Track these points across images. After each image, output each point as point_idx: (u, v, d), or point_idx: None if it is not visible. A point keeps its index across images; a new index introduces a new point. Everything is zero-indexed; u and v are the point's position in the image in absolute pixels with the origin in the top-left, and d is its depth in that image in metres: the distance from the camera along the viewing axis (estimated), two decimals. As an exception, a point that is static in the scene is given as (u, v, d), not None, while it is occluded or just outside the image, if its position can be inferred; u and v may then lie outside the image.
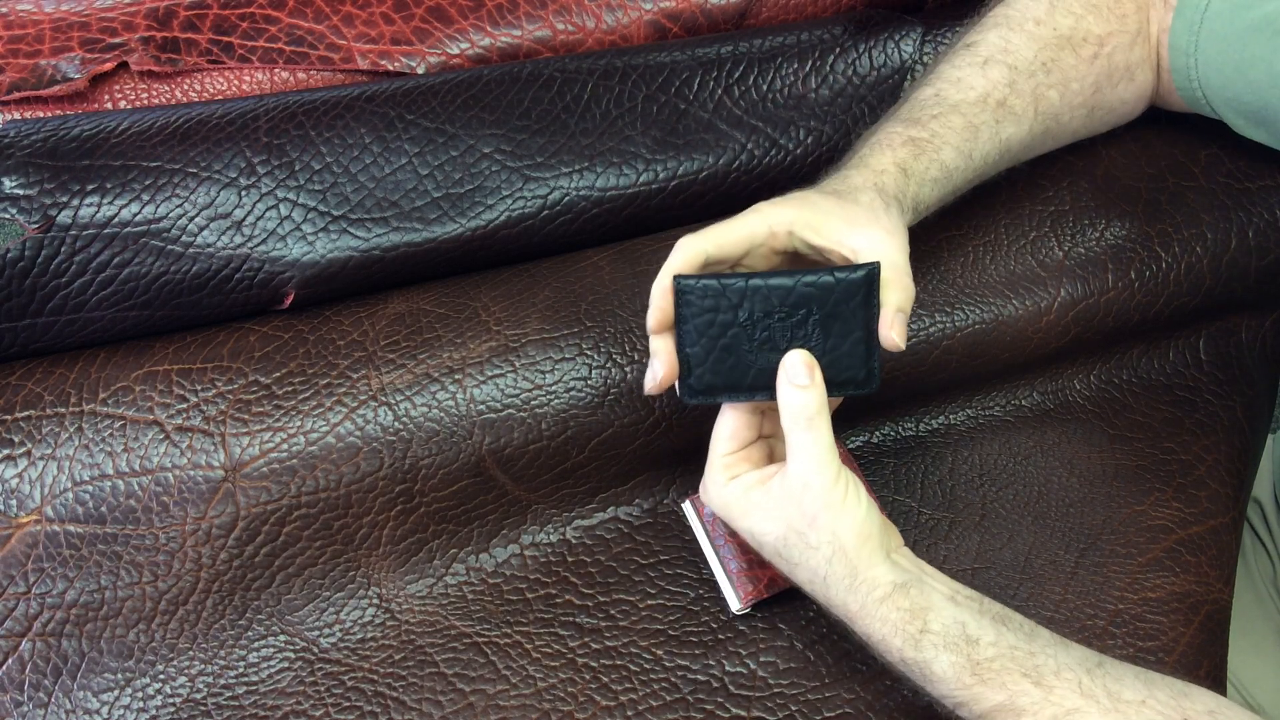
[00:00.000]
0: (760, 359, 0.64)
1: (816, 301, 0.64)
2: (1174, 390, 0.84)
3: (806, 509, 0.63)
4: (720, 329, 0.64)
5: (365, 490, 0.71)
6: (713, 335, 0.64)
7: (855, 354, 0.65)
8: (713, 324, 0.64)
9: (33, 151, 0.71)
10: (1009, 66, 0.75)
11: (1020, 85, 0.75)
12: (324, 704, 0.69)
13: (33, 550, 0.68)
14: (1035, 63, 0.76)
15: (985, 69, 0.75)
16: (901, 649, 0.62)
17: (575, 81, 0.80)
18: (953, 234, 0.79)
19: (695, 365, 0.65)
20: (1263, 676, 0.88)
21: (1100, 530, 0.78)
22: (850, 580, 0.63)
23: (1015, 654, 0.61)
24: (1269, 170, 0.84)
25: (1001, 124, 0.74)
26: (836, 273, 0.63)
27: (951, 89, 0.74)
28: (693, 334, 0.64)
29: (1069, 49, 0.76)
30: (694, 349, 0.64)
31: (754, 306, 0.63)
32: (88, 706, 0.68)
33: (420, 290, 0.76)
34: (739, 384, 0.65)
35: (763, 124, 0.82)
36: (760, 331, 0.64)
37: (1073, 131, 0.80)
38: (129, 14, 0.80)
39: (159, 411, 0.70)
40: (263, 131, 0.74)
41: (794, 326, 0.64)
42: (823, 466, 0.63)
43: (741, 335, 0.64)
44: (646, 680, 0.70)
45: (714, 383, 0.65)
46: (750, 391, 0.65)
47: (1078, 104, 0.77)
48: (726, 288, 0.63)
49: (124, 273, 0.72)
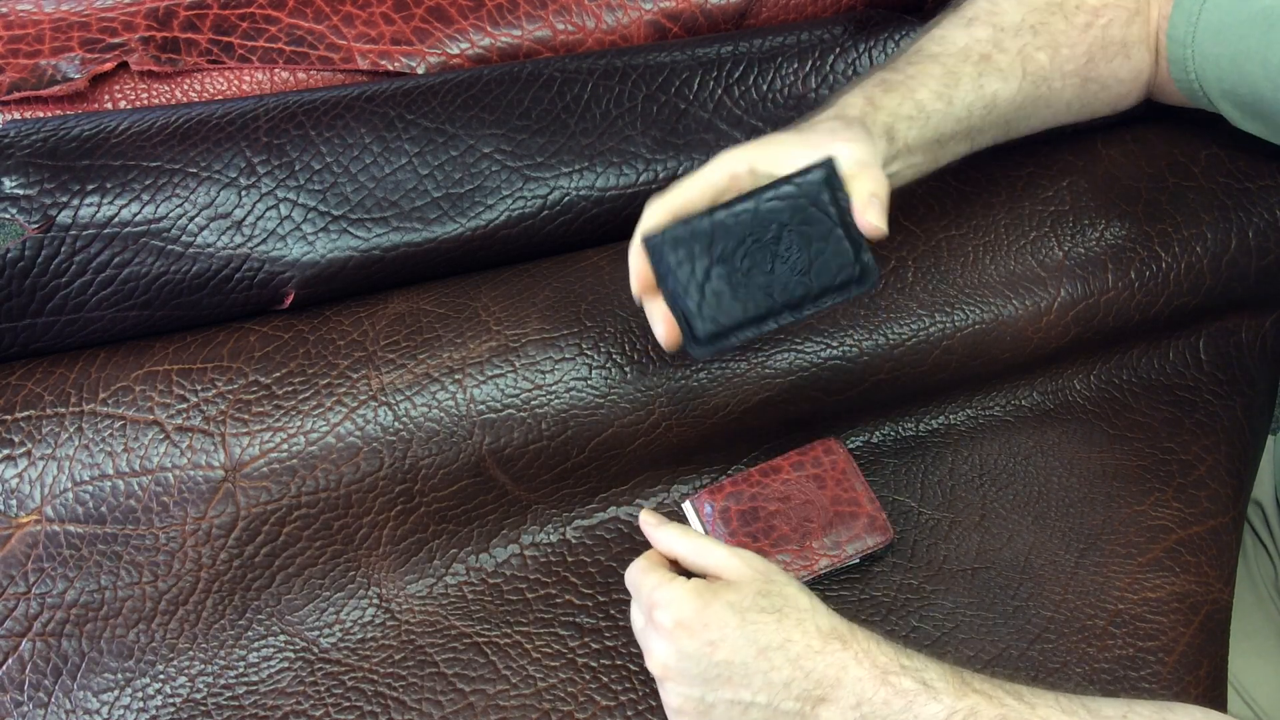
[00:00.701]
0: (754, 287, 0.63)
1: (786, 213, 0.62)
2: (1174, 390, 0.84)
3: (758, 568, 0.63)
4: (703, 272, 0.62)
5: (365, 490, 0.71)
6: (698, 280, 0.62)
7: (841, 252, 0.63)
8: (694, 270, 0.62)
9: (33, 151, 0.71)
10: (994, 26, 0.75)
11: (1006, 43, 0.74)
12: (324, 704, 0.69)
13: (33, 550, 0.68)
14: (1023, 24, 0.75)
15: (969, 27, 0.74)
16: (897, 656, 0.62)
17: (575, 81, 0.80)
18: (952, 234, 0.79)
19: (693, 316, 0.63)
20: (1264, 679, 0.88)
21: (1100, 530, 0.78)
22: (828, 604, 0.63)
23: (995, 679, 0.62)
24: (1269, 170, 0.84)
25: (985, 76, 0.73)
26: (794, 179, 0.62)
27: (932, 44, 0.74)
28: (679, 286, 0.63)
29: (1060, 14, 0.76)
30: (686, 300, 0.63)
31: (726, 239, 0.62)
32: (88, 706, 0.68)
33: (420, 290, 0.76)
34: (743, 318, 0.63)
35: (763, 124, 0.82)
36: (742, 260, 0.62)
37: (1066, 102, 0.78)
38: (129, 14, 0.80)
39: (159, 411, 0.70)
40: (263, 131, 0.74)
41: (770, 244, 0.62)
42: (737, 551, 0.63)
43: (725, 271, 0.62)
44: (646, 680, 0.70)
45: (718, 327, 0.63)
46: (757, 323, 0.64)
47: (1070, 70, 0.76)
48: (694, 229, 0.62)
49: (124, 273, 0.72)
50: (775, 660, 0.60)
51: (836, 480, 0.75)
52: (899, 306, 0.77)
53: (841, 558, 0.73)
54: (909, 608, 0.74)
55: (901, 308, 0.77)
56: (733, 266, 0.62)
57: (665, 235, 0.63)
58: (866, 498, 0.74)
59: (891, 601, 0.74)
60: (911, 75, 0.71)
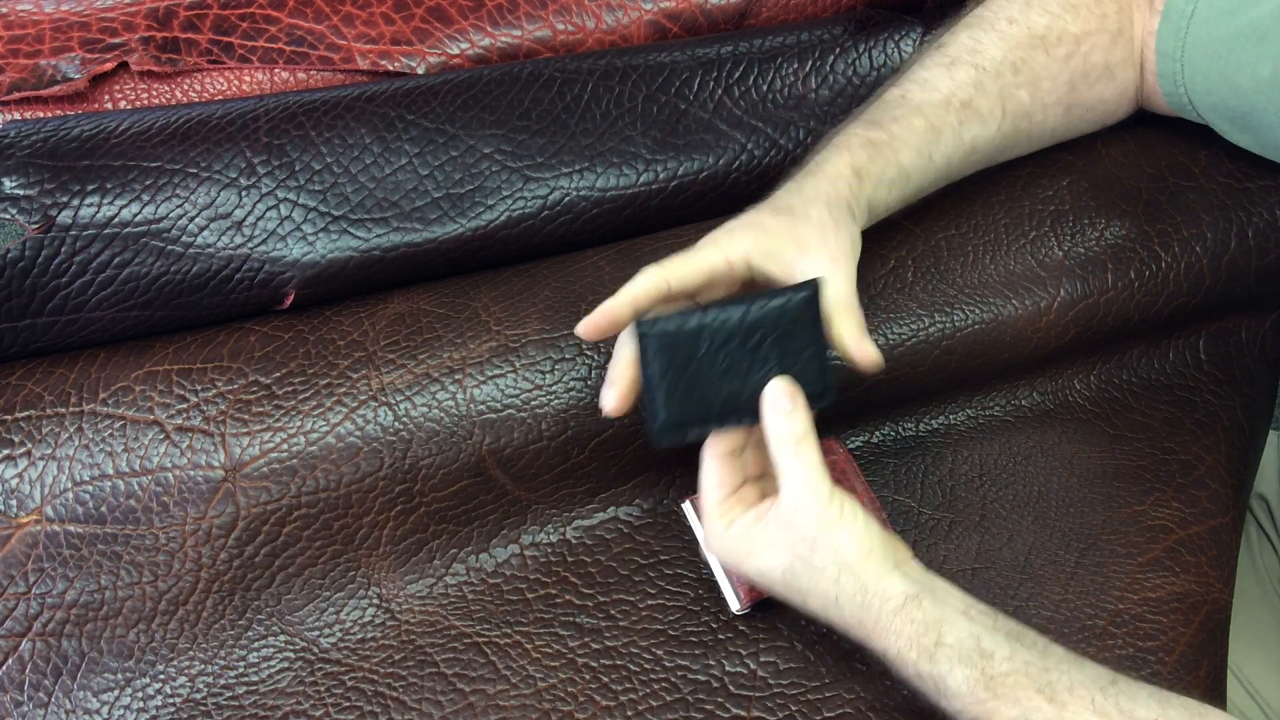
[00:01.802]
0: (725, 387, 0.65)
1: (769, 324, 0.65)
2: (1174, 390, 0.84)
3: (805, 532, 0.63)
4: (683, 365, 0.64)
5: (365, 490, 0.71)
6: (675, 373, 0.64)
7: (810, 369, 0.66)
8: (673, 363, 0.64)
9: (33, 151, 0.71)
10: (975, 67, 0.75)
11: (987, 85, 0.75)
12: (324, 704, 0.69)
13: (33, 550, 0.68)
14: (1004, 63, 0.75)
15: (952, 70, 0.75)
16: (917, 662, 0.62)
17: (575, 81, 0.80)
18: (952, 234, 0.79)
19: (662, 406, 0.65)
20: (1268, 671, 0.88)
21: (1100, 530, 0.78)
22: (861, 596, 0.63)
23: (1029, 669, 0.61)
24: (1269, 170, 0.84)
25: (965, 125, 0.74)
26: (784, 294, 0.65)
27: (916, 90, 0.74)
28: (656, 375, 0.64)
29: (1041, 48, 0.76)
30: (659, 390, 0.64)
31: (713, 339, 0.64)
32: (88, 706, 0.68)
33: (420, 290, 0.76)
34: (707, 415, 0.65)
35: (763, 124, 0.82)
36: (721, 361, 0.65)
37: (1050, 130, 0.79)
38: (129, 14, 0.80)
39: (159, 411, 0.70)
40: (263, 131, 0.74)
41: (752, 350, 0.65)
42: (815, 488, 0.63)
43: (703, 368, 0.64)
44: (646, 680, 0.70)
45: (683, 418, 0.65)
46: (720, 420, 0.66)
47: (1051, 102, 0.77)
48: (684, 326, 0.64)
49: (124, 273, 0.72)
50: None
51: (836, 480, 0.75)
52: (898, 307, 0.77)
53: (841, 558, 0.73)
54: (909, 608, 0.74)
55: (901, 308, 0.77)
56: (712, 365, 0.64)
57: (654, 327, 0.64)
58: (866, 498, 0.74)
59: (891, 601, 0.74)
60: (895, 135, 0.72)
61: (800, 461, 0.64)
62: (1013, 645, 0.62)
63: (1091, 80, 0.78)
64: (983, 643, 0.62)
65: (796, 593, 0.65)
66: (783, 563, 0.64)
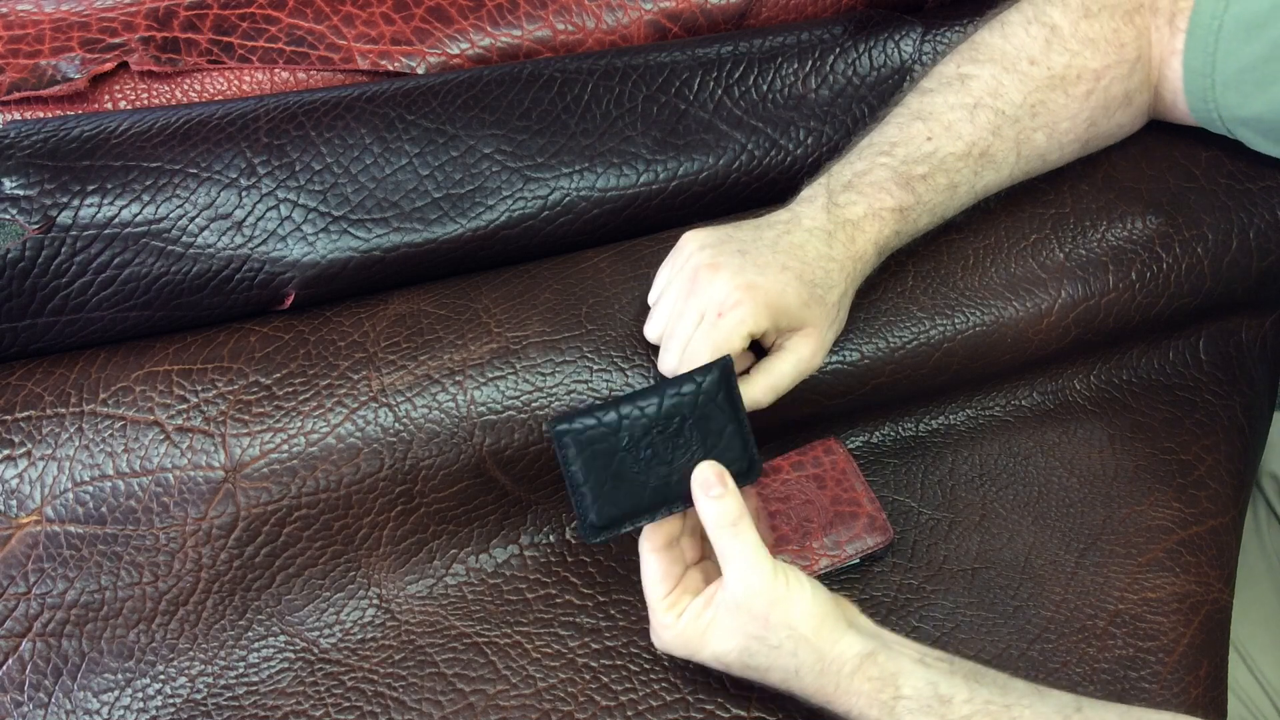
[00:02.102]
0: (652, 477, 0.65)
1: (685, 409, 0.65)
2: (1174, 390, 0.84)
3: (756, 611, 0.63)
4: (606, 460, 0.64)
5: (365, 491, 0.71)
6: (600, 468, 0.64)
7: (733, 446, 0.66)
8: (597, 458, 0.64)
9: (33, 152, 0.71)
10: (996, 111, 0.75)
11: (1005, 131, 0.75)
12: (324, 704, 0.69)
13: (33, 550, 0.68)
14: (1023, 107, 0.75)
15: (975, 114, 0.75)
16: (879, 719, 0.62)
17: (575, 82, 0.80)
18: (953, 237, 0.79)
19: (592, 503, 0.64)
20: (1270, 651, 0.88)
21: (1100, 530, 0.78)
22: (820, 665, 0.63)
23: (990, 708, 0.61)
24: (1270, 171, 0.84)
25: (980, 174, 0.75)
26: (695, 377, 0.65)
27: (943, 135, 0.74)
28: (579, 474, 0.64)
29: (1060, 89, 0.76)
30: (586, 486, 0.64)
31: (633, 430, 0.64)
32: (88, 707, 0.68)
33: (421, 291, 0.76)
34: (638, 508, 0.65)
35: (763, 124, 0.82)
36: (644, 451, 0.64)
37: (1064, 162, 0.80)
38: (129, 14, 0.80)
39: (159, 412, 0.70)
40: (263, 132, 0.74)
41: (673, 436, 0.65)
42: (758, 566, 0.63)
43: (627, 459, 0.64)
44: (646, 680, 0.70)
45: (614, 514, 0.65)
46: (651, 511, 0.65)
47: (1069, 140, 0.77)
48: (601, 420, 0.64)
49: (124, 273, 0.72)
50: None
51: (836, 480, 0.75)
52: (899, 310, 0.77)
53: (842, 558, 0.73)
54: (909, 608, 0.74)
55: (902, 311, 0.77)
56: (636, 457, 0.64)
57: (573, 424, 0.64)
58: (866, 498, 0.74)
59: (891, 601, 0.74)
60: (921, 198, 0.73)
61: (740, 543, 0.63)
62: (971, 687, 0.62)
63: (1111, 111, 0.78)
64: (940, 689, 0.62)
65: (755, 671, 0.65)
66: (738, 644, 0.64)
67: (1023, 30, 0.77)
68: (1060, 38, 0.76)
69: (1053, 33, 0.76)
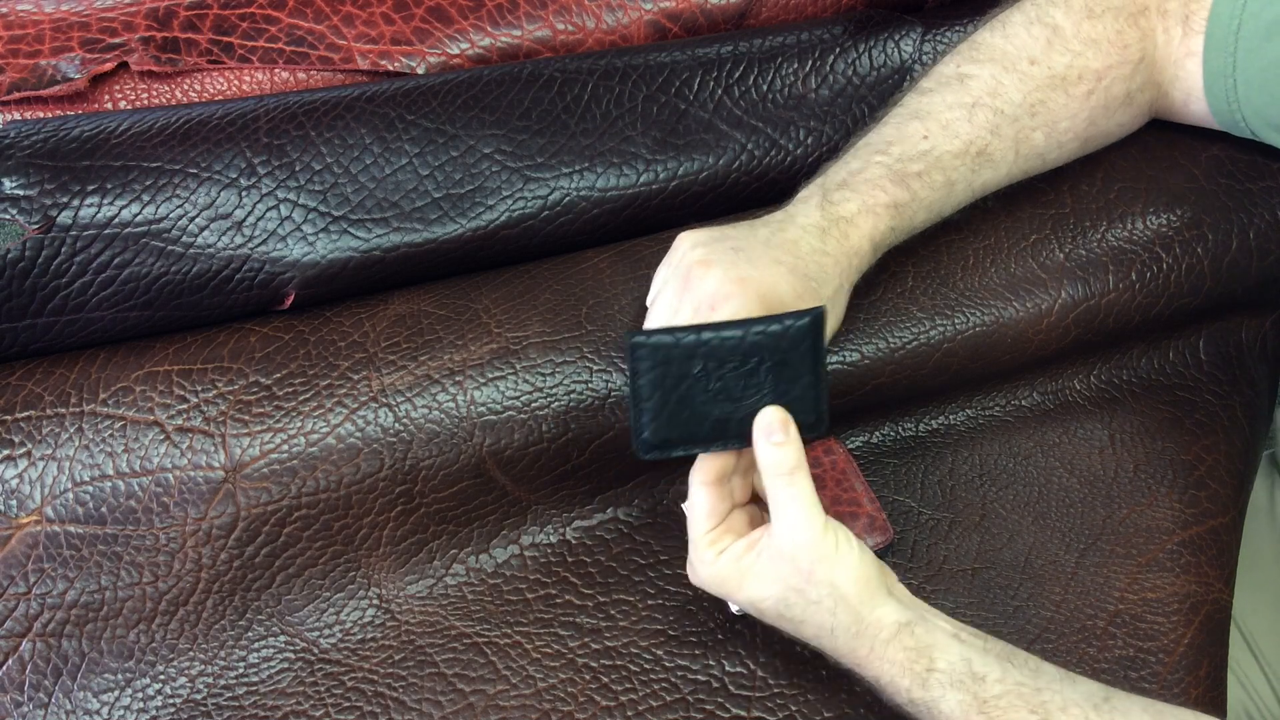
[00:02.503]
0: (716, 409, 0.64)
1: (767, 350, 0.63)
2: (1174, 390, 0.84)
3: (801, 565, 0.62)
4: (675, 382, 0.63)
5: (365, 491, 0.71)
6: (667, 388, 0.63)
7: (806, 398, 0.64)
8: (666, 377, 0.63)
9: (33, 152, 0.71)
10: (995, 111, 0.74)
11: (1004, 130, 0.75)
12: (324, 704, 0.69)
13: (33, 551, 0.68)
14: (1022, 106, 0.75)
15: (973, 113, 0.74)
16: (909, 689, 0.62)
17: (575, 81, 0.80)
18: (952, 238, 0.79)
19: (651, 419, 0.63)
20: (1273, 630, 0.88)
21: (1100, 530, 0.78)
22: (856, 626, 0.63)
23: (1021, 690, 0.61)
24: (1270, 171, 0.84)
25: (978, 172, 0.74)
26: (784, 320, 0.63)
27: (939, 134, 0.74)
28: (647, 388, 0.63)
29: (1061, 89, 0.76)
30: (649, 403, 0.63)
31: (708, 359, 0.63)
32: (88, 707, 0.68)
33: (421, 291, 0.76)
34: (695, 436, 0.64)
35: (763, 124, 0.82)
36: (714, 382, 0.63)
37: (1063, 162, 0.80)
38: (129, 14, 0.80)
39: (159, 412, 0.70)
40: (263, 132, 0.74)
41: (747, 375, 0.63)
42: (810, 520, 0.62)
43: (696, 387, 0.63)
44: (646, 680, 0.70)
45: (669, 436, 0.64)
46: (706, 443, 0.64)
47: (1068, 140, 0.77)
48: (680, 341, 0.63)
49: (124, 273, 0.72)
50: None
51: (836, 480, 0.75)
52: (899, 311, 0.77)
53: (842, 559, 0.73)
54: (909, 608, 0.74)
55: (902, 312, 0.77)
56: (705, 386, 0.63)
57: (650, 339, 0.63)
58: (866, 498, 0.74)
59: (891, 602, 0.74)
60: (917, 194, 0.72)
61: (794, 492, 0.63)
62: (1004, 667, 0.62)
63: (1111, 111, 0.78)
64: (974, 666, 0.62)
65: (789, 622, 0.65)
66: (776, 593, 0.64)
67: (1024, 30, 0.77)
68: (1062, 38, 0.76)
69: (1055, 33, 0.76)
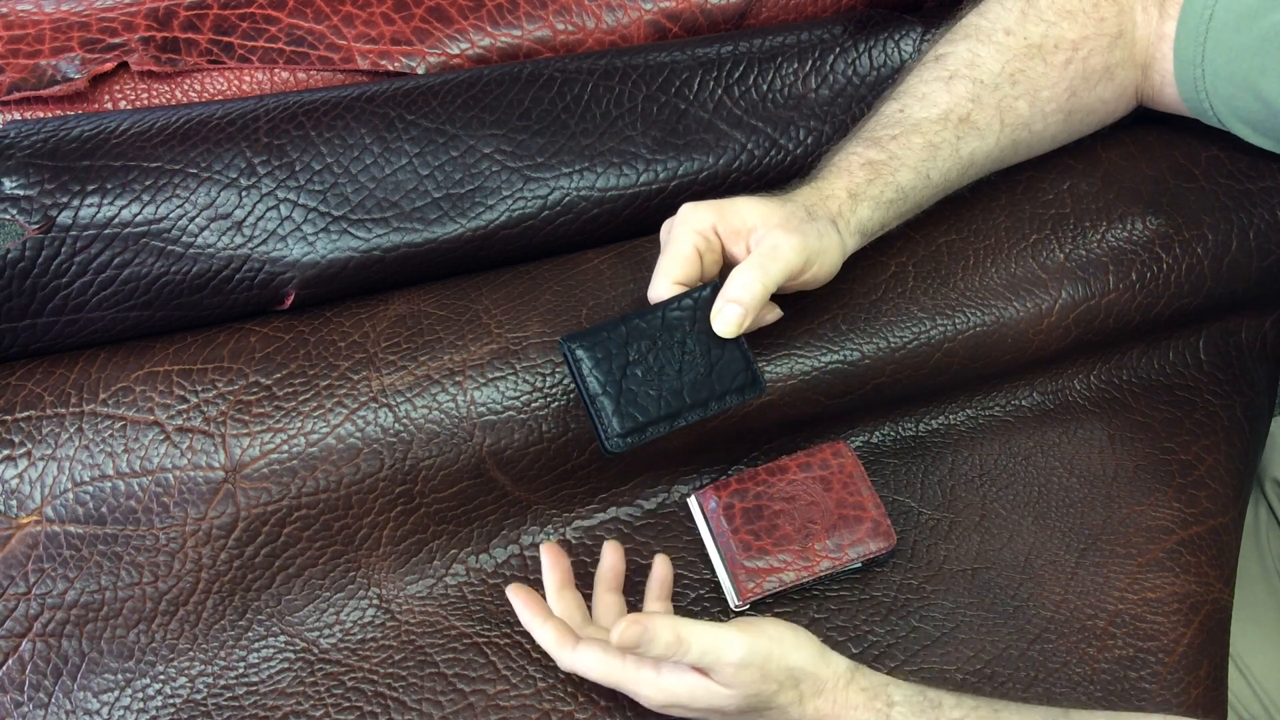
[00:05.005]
0: (663, 388, 0.67)
1: (688, 322, 0.67)
2: (1174, 390, 0.84)
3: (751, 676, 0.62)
4: (619, 371, 0.66)
5: (365, 491, 0.71)
6: (614, 379, 0.66)
7: (735, 360, 0.68)
8: (611, 369, 0.66)
9: (33, 152, 0.71)
10: (974, 80, 0.75)
11: (985, 99, 0.75)
12: (324, 704, 0.69)
13: (33, 551, 0.68)
14: (1002, 75, 0.76)
15: (950, 84, 0.75)
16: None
17: (575, 81, 0.80)
18: (953, 238, 0.79)
19: (613, 412, 0.66)
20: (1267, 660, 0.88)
21: (1100, 530, 0.78)
22: (817, 686, 0.64)
23: (979, 711, 0.64)
24: (1270, 171, 0.84)
25: (963, 140, 0.75)
26: (692, 293, 0.68)
27: (915, 105, 0.75)
28: (596, 384, 0.66)
29: (1038, 57, 0.76)
30: (605, 396, 0.66)
31: (639, 340, 0.67)
32: (88, 707, 0.68)
33: (421, 292, 0.76)
34: (655, 416, 0.67)
35: (763, 124, 0.82)
36: (652, 361, 0.67)
37: (1051, 137, 0.80)
38: (129, 14, 0.80)
39: (159, 412, 0.70)
40: (263, 132, 0.74)
41: (676, 348, 0.67)
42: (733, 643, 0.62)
43: (638, 369, 0.67)
44: (646, 680, 0.70)
45: (637, 421, 0.67)
46: (670, 420, 0.67)
47: (1050, 110, 0.78)
48: (610, 332, 0.66)
49: (124, 273, 0.72)
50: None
51: (843, 484, 0.75)
52: (900, 310, 0.77)
53: (843, 560, 0.73)
54: (909, 608, 0.74)
55: (903, 311, 0.77)
56: (647, 366, 0.67)
57: (584, 338, 0.67)
58: (872, 503, 0.74)
59: (891, 602, 0.74)
60: (894, 154, 0.73)
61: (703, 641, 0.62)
62: (956, 695, 0.65)
63: (1091, 84, 0.78)
64: (928, 695, 0.65)
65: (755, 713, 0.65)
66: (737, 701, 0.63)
67: (998, 5, 0.78)
68: (1036, 9, 0.77)
69: (1028, 4, 0.77)
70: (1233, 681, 0.87)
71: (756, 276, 0.66)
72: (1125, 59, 0.79)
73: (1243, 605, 0.85)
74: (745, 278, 0.66)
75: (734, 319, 0.66)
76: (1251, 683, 0.88)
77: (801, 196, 0.70)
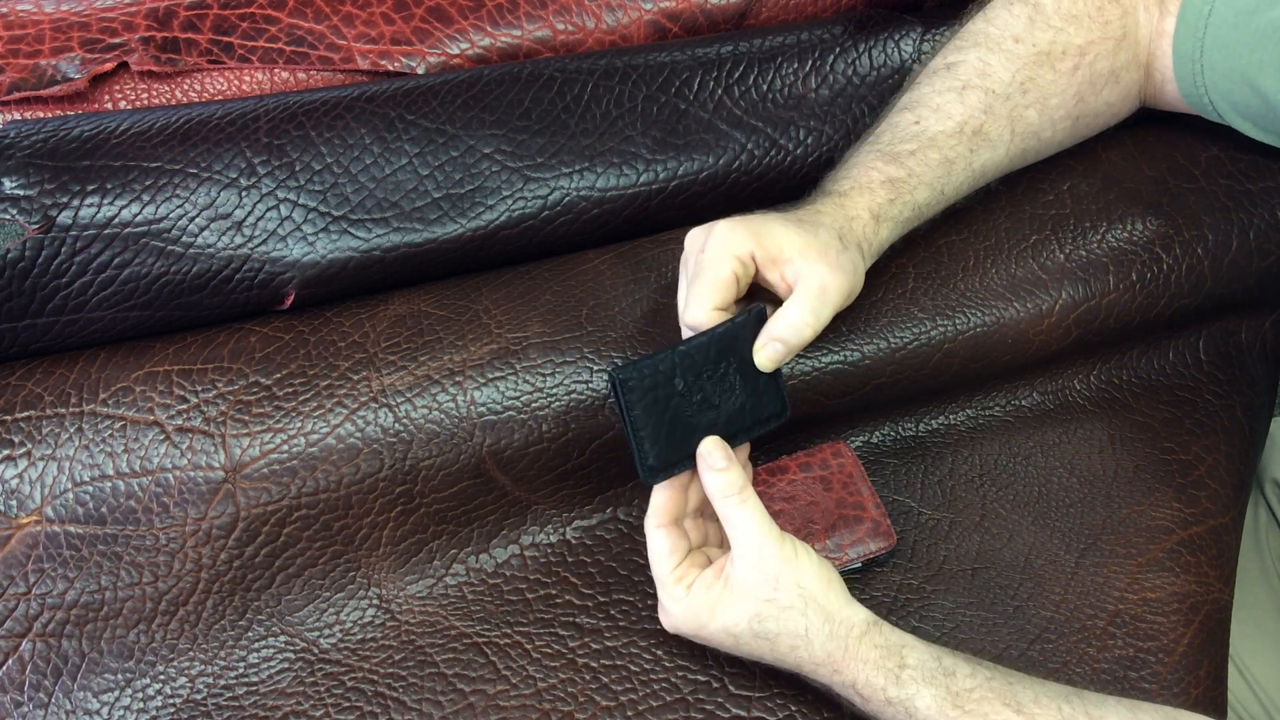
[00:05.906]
0: (704, 419, 0.67)
1: (731, 352, 0.67)
2: (1174, 390, 0.84)
3: (768, 571, 0.64)
4: (664, 404, 0.66)
5: (365, 491, 0.71)
6: (659, 412, 0.66)
7: (772, 389, 0.69)
8: (656, 401, 0.66)
9: (33, 152, 0.71)
10: (986, 91, 0.75)
11: (997, 109, 0.75)
12: (324, 704, 0.69)
13: (33, 551, 0.68)
14: (1012, 84, 0.76)
15: (964, 95, 0.75)
16: (885, 688, 0.63)
17: (575, 81, 0.80)
18: (953, 239, 0.79)
19: (651, 447, 0.66)
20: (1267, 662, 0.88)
21: (1100, 530, 0.78)
22: (829, 627, 0.64)
23: (993, 684, 0.63)
24: (1270, 171, 0.84)
25: (976, 153, 0.75)
26: (736, 318, 0.67)
27: (931, 117, 0.75)
28: (641, 417, 0.66)
29: (1047, 65, 0.76)
30: (646, 430, 0.66)
31: (686, 373, 0.66)
32: (88, 707, 0.68)
33: (421, 292, 0.76)
34: (690, 449, 0.67)
35: (763, 124, 0.82)
36: (695, 394, 0.67)
37: (1058, 143, 0.80)
38: (129, 14, 0.80)
39: (159, 412, 0.70)
40: (263, 132, 0.74)
41: (719, 379, 0.67)
42: (767, 530, 0.65)
43: (682, 403, 0.66)
44: (646, 680, 0.70)
45: (670, 456, 0.67)
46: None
47: (1060, 117, 0.78)
48: (659, 363, 0.66)
49: (124, 273, 0.72)
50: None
51: (843, 484, 0.75)
52: (900, 311, 0.77)
53: (843, 560, 0.73)
54: (909, 608, 0.74)
55: (903, 312, 0.77)
56: (689, 400, 0.67)
57: (634, 369, 0.66)
58: (872, 503, 0.74)
59: (891, 601, 0.74)
60: (913, 171, 0.73)
61: (746, 510, 0.65)
62: (971, 664, 0.64)
63: (1098, 88, 0.78)
64: (944, 662, 0.64)
65: (765, 640, 0.65)
66: (749, 610, 0.65)
67: (1005, 11, 0.78)
68: (1044, 15, 0.77)
69: (1035, 10, 0.77)
70: (1232, 682, 0.87)
71: (808, 321, 0.67)
72: (1130, 61, 0.79)
73: (1243, 605, 0.85)
74: (795, 320, 0.67)
75: (778, 356, 0.67)
76: (1251, 683, 0.88)
77: (828, 218, 0.70)
